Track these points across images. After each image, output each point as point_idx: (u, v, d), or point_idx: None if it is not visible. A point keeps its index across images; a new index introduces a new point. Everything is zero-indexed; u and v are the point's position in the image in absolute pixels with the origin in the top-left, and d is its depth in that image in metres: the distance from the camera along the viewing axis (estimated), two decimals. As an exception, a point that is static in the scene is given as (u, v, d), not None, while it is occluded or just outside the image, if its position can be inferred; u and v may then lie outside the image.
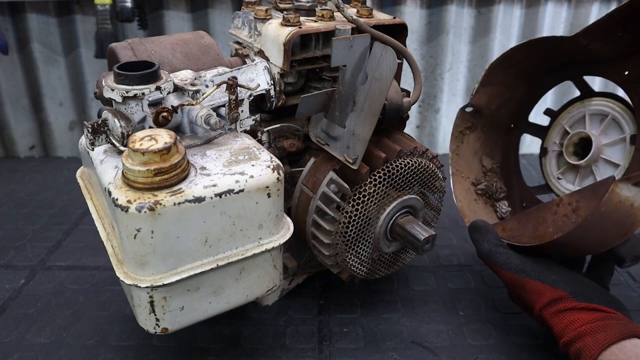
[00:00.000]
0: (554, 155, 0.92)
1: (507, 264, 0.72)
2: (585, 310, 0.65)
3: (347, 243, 0.71)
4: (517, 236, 0.78)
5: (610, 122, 0.84)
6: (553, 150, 0.92)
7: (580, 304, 0.65)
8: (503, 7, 1.37)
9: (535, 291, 0.69)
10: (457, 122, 0.93)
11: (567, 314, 0.65)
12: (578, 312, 0.65)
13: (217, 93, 0.66)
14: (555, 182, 0.92)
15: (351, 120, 0.66)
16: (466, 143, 0.95)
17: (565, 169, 0.90)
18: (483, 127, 0.95)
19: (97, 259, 0.98)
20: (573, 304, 0.65)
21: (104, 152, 0.60)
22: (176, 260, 0.55)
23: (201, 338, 0.79)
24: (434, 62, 1.44)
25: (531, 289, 0.69)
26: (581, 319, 0.64)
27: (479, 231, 0.77)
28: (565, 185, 0.90)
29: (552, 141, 0.92)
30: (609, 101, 0.85)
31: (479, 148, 0.96)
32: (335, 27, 0.70)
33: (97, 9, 1.23)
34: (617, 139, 0.83)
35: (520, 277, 0.70)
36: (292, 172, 0.76)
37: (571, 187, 0.88)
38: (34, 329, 0.80)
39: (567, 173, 0.90)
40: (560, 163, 0.92)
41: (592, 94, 0.88)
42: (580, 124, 0.89)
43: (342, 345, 0.78)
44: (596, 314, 0.64)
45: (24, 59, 1.40)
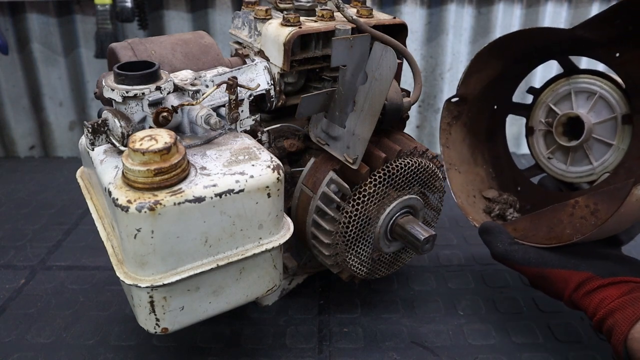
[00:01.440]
0: (541, 134, 0.92)
1: (525, 259, 0.72)
2: (612, 285, 0.65)
3: (347, 243, 0.71)
4: (531, 236, 0.77)
5: (598, 100, 0.84)
6: (539, 130, 0.92)
7: (606, 280, 0.65)
8: (503, 7, 1.37)
9: (560, 279, 0.69)
10: (444, 115, 0.92)
11: (596, 293, 0.65)
12: (605, 288, 0.65)
13: (217, 93, 0.66)
14: (545, 162, 0.92)
15: (351, 120, 0.66)
16: (454, 133, 0.94)
17: (555, 148, 0.90)
18: (468, 112, 0.94)
19: (97, 259, 0.98)
20: (599, 282, 0.65)
21: (104, 152, 0.60)
22: (176, 260, 0.55)
23: (201, 338, 0.79)
24: (434, 62, 1.44)
25: (556, 278, 0.69)
26: (610, 295, 0.64)
27: (490, 233, 0.77)
28: (557, 165, 0.90)
29: (537, 120, 0.92)
30: (595, 79, 0.84)
31: (466, 134, 0.95)
32: (335, 27, 0.70)
33: (97, 9, 1.23)
34: (608, 118, 0.83)
35: (541, 269, 0.70)
36: (292, 172, 0.76)
37: (563, 166, 0.89)
38: (34, 329, 0.80)
39: (557, 152, 0.91)
40: (548, 142, 0.92)
41: (577, 71, 0.87)
42: (565, 101, 0.88)
43: (342, 345, 0.78)
44: (624, 287, 0.64)
45: (24, 59, 1.40)
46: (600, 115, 0.84)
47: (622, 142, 0.82)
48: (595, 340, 0.78)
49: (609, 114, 0.83)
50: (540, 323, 0.82)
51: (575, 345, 0.78)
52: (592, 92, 0.84)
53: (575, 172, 0.88)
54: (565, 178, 0.90)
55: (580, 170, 0.87)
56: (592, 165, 0.86)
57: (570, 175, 0.89)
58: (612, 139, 0.83)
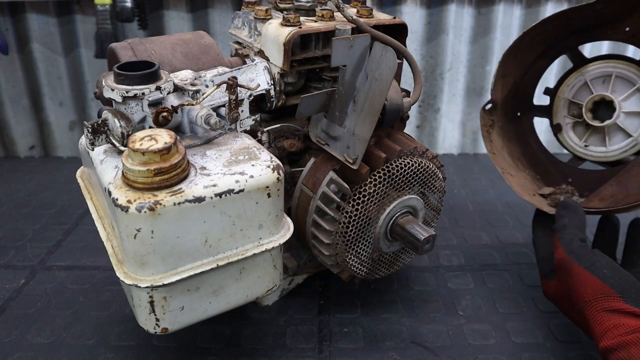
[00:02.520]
0: (569, 127, 0.94)
1: (568, 242, 0.70)
2: (633, 315, 0.59)
3: (347, 243, 0.71)
4: (622, 199, 0.76)
5: (615, 79, 0.88)
6: (567, 124, 0.94)
7: (630, 307, 0.60)
8: (503, 7, 1.37)
9: (582, 281, 0.65)
10: (482, 123, 0.94)
11: (612, 316, 0.60)
12: (625, 316, 0.59)
13: (217, 93, 0.66)
14: (583, 151, 0.93)
15: (351, 120, 0.66)
16: (494, 140, 0.95)
17: (588, 135, 0.92)
18: (498, 122, 0.95)
19: (97, 259, 0.98)
20: (621, 305, 0.60)
21: (104, 152, 0.60)
22: (176, 260, 0.55)
23: (201, 338, 0.79)
24: (434, 62, 1.44)
25: (578, 278, 0.66)
26: (627, 324, 0.58)
27: (567, 208, 0.77)
28: (597, 150, 0.92)
29: (561, 116, 0.94)
30: (605, 62, 0.89)
31: (503, 141, 0.96)
32: (335, 27, 0.70)
33: (97, 9, 1.23)
34: (631, 92, 0.87)
35: (570, 259, 0.67)
36: (292, 172, 0.76)
37: (603, 148, 0.91)
38: (34, 329, 0.80)
39: (591, 138, 0.92)
40: (579, 133, 0.94)
41: (586, 62, 0.90)
42: (583, 92, 0.91)
43: (342, 345, 0.78)
44: None
45: (24, 59, 1.40)
46: (623, 92, 0.88)
47: None
48: (595, 340, 0.78)
49: (629, 87, 0.87)
50: (540, 323, 0.82)
51: (575, 345, 0.78)
52: (607, 75, 0.88)
53: (617, 148, 0.90)
54: (609, 158, 0.91)
55: (622, 145, 0.90)
56: (632, 137, 0.88)
57: (614, 153, 0.91)
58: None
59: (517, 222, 1.11)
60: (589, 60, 0.90)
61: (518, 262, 0.98)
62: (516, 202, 1.19)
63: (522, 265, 0.96)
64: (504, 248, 1.02)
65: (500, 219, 1.12)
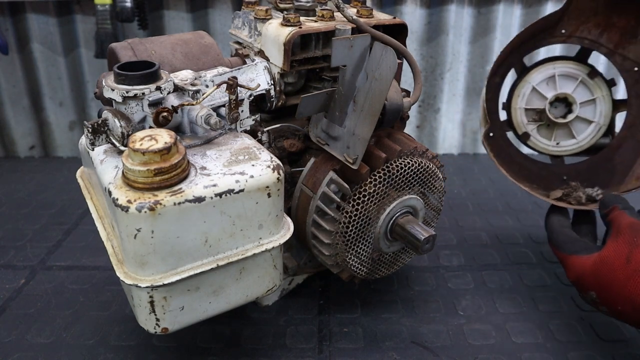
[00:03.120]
0: (535, 132, 0.98)
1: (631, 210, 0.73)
2: None
3: (347, 243, 0.71)
4: None
5: (559, 78, 0.95)
6: (532, 130, 0.97)
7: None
8: (503, 7, 1.37)
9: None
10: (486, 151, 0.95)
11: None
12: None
13: (217, 93, 0.66)
14: (557, 149, 0.98)
15: (351, 120, 0.66)
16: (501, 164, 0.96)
17: (555, 133, 0.97)
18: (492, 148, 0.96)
19: (97, 259, 0.98)
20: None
21: (104, 152, 0.60)
22: (176, 260, 0.55)
23: (201, 338, 0.79)
24: (434, 62, 1.44)
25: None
26: None
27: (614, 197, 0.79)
28: (568, 143, 0.97)
29: (523, 124, 0.97)
30: (546, 65, 0.95)
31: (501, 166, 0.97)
32: (335, 27, 0.70)
33: (97, 9, 1.23)
34: (577, 84, 0.95)
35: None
36: (292, 172, 0.76)
37: (574, 140, 0.96)
38: (34, 329, 0.80)
39: (559, 135, 0.97)
40: (544, 134, 0.98)
41: (528, 69, 0.96)
42: (533, 97, 0.96)
43: (342, 345, 0.78)
44: None
45: (24, 59, 1.40)
46: (570, 86, 0.95)
47: (600, 91, 0.94)
48: (596, 340, 0.78)
49: (575, 81, 0.94)
50: (540, 323, 0.82)
51: (575, 345, 0.78)
52: (550, 76, 0.95)
53: (586, 136, 0.96)
54: (582, 147, 0.97)
55: (589, 132, 0.96)
56: (594, 122, 0.95)
57: (585, 141, 0.96)
58: (592, 95, 0.94)
59: (517, 222, 1.11)
60: (531, 68, 0.95)
61: (518, 262, 0.98)
62: (516, 202, 1.19)
63: (522, 265, 0.97)
64: (504, 248, 1.02)
65: (500, 219, 1.12)
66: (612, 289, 0.67)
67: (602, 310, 0.70)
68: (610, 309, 0.69)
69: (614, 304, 0.67)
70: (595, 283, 0.70)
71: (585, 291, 0.72)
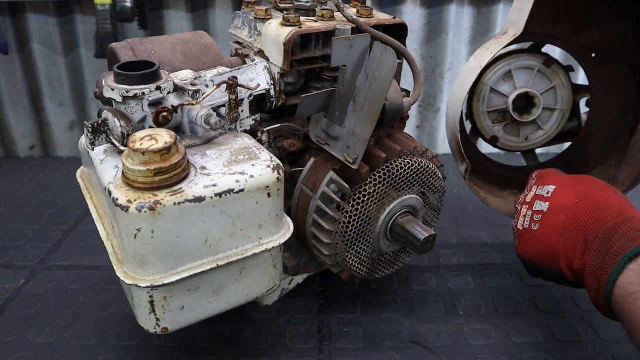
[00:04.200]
0: (502, 133, 0.98)
1: None
2: None
3: (347, 243, 0.71)
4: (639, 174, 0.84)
5: (514, 73, 0.94)
6: (499, 131, 0.98)
7: None
8: (503, 7, 1.37)
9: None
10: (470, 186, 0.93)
11: None
12: None
13: (217, 93, 0.66)
14: (527, 143, 0.99)
15: (351, 120, 0.66)
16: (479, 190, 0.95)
17: (525, 130, 0.97)
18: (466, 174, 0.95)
19: (97, 259, 0.98)
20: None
21: (104, 152, 0.60)
22: (176, 260, 0.55)
23: (201, 338, 0.79)
24: (434, 62, 1.44)
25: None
26: None
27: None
28: (538, 135, 0.98)
29: (489, 128, 0.98)
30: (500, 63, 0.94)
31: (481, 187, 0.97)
32: (335, 27, 0.70)
33: (97, 9, 1.23)
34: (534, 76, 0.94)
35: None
36: (292, 172, 0.76)
37: (542, 132, 0.97)
38: (34, 329, 0.80)
39: (528, 131, 0.98)
40: (511, 132, 0.98)
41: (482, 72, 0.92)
42: (493, 98, 0.96)
43: (342, 345, 0.78)
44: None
45: (24, 59, 1.40)
46: (527, 79, 0.95)
47: (558, 78, 0.95)
48: (596, 340, 0.78)
49: (530, 73, 0.94)
50: (540, 323, 0.82)
51: (575, 345, 0.78)
52: (505, 72, 0.94)
53: (552, 124, 0.97)
54: (551, 136, 0.98)
55: (554, 120, 0.97)
56: (559, 108, 0.96)
57: (552, 130, 0.97)
58: (551, 83, 0.95)
59: (517, 222, 1.11)
60: (485, 69, 0.93)
61: (518, 262, 0.97)
62: (516, 202, 1.19)
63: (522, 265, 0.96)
64: (504, 248, 1.02)
65: (500, 219, 1.12)
66: (580, 187, 0.69)
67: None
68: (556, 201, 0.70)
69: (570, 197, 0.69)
70: (565, 181, 0.73)
71: (542, 184, 0.74)
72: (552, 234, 0.67)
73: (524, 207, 0.73)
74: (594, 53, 0.93)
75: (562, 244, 0.65)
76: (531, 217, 0.70)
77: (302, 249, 0.83)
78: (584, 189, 0.68)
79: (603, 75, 0.94)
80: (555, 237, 0.66)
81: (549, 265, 0.68)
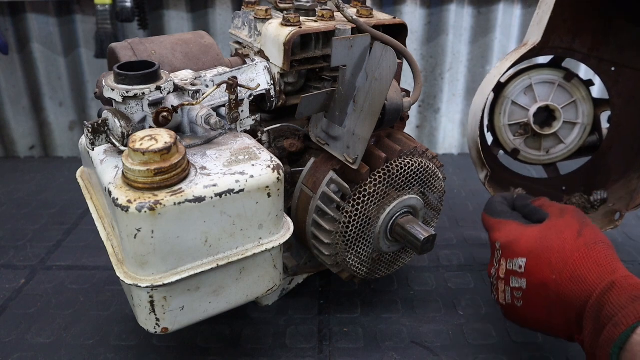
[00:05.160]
0: (524, 146, 0.99)
1: None
2: None
3: (347, 243, 0.71)
4: None
5: (535, 87, 0.95)
6: (520, 144, 0.98)
7: None
8: (503, 7, 1.37)
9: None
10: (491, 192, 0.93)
11: None
12: None
13: (217, 93, 0.66)
14: (549, 157, 1.00)
15: (351, 120, 0.66)
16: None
17: (544, 143, 0.98)
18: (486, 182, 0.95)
19: (97, 259, 0.98)
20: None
21: (104, 152, 0.60)
22: (176, 260, 0.55)
23: (201, 338, 0.79)
24: (434, 62, 1.44)
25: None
26: None
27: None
28: (559, 149, 0.99)
29: (510, 141, 0.98)
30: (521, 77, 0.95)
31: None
32: (335, 27, 0.70)
33: (97, 9, 1.23)
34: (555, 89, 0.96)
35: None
36: (292, 172, 0.76)
37: (563, 146, 0.98)
38: (34, 329, 0.80)
39: (548, 144, 0.99)
40: (533, 145, 0.99)
41: (503, 86, 0.96)
42: (515, 111, 0.97)
43: (342, 345, 0.78)
44: None
45: (24, 59, 1.40)
46: (548, 93, 0.96)
47: (579, 92, 0.96)
48: (595, 340, 0.78)
49: (550, 87, 0.95)
50: (540, 323, 0.82)
51: (575, 345, 0.77)
52: (526, 86, 0.96)
53: (574, 139, 0.97)
54: (572, 150, 0.98)
55: (575, 134, 0.97)
56: (580, 122, 0.96)
57: (573, 144, 0.98)
58: (571, 98, 0.96)
59: (517, 222, 1.11)
60: (506, 83, 0.96)
61: (518, 262, 0.98)
62: (516, 202, 1.19)
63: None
64: (504, 248, 1.02)
65: (500, 219, 1.12)
66: (552, 255, 0.63)
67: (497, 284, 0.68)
68: (533, 278, 0.64)
69: (545, 272, 0.62)
70: (532, 249, 0.65)
71: (510, 257, 0.67)
72: (539, 312, 0.64)
73: (500, 283, 0.68)
74: (613, 67, 0.93)
75: (553, 321, 0.63)
76: (511, 293, 0.66)
77: (302, 249, 0.83)
78: (557, 256, 0.62)
79: (623, 89, 0.94)
80: (543, 315, 0.63)
81: (543, 331, 0.66)
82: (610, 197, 0.94)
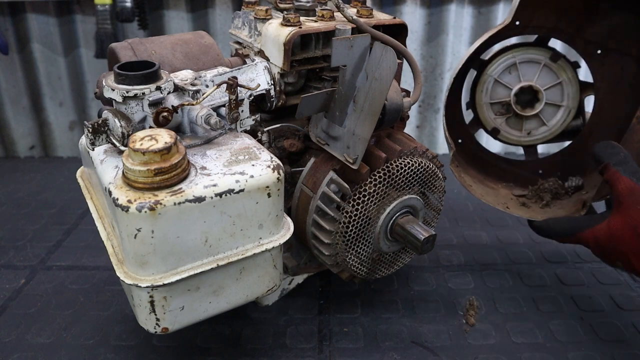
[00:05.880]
0: (504, 125, 0.96)
1: (634, 172, 0.69)
2: None
3: (347, 243, 0.71)
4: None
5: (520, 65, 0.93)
6: (500, 124, 0.96)
7: None
8: (503, 7, 1.37)
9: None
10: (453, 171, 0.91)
11: None
12: None
13: (217, 93, 0.66)
14: (529, 138, 0.97)
15: (351, 120, 0.66)
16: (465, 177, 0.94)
17: (527, 124, 0.95)
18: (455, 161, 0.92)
19: (97, 259, 0.98)
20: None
21: (104, 152, 0.60)
22: (176, 260, 0.55)
23: (201, 338, 0.79)
24: (434, 62, 1.44)
25: None
26: None
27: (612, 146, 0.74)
28: (540, 131, 0.96)
29: (491, 119, 0.96)
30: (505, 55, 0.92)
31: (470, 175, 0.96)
32: (335, 27, 0.70)
33: (97, 9, 1.23)
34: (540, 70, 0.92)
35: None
36: (292, 172, 0.76)
37: (545, 128, 0.95)
38: (34, 329, 0.80)
39: (530, 126, 0.96)
40: (514, 125, 0.96)
41: (486, 63, 0.93)
42: (497, 89, 0.94)
43: (342, 345, 0.78)
44: None
45: (24, 59, 1.40)
46: (533, 73, 0.92)
47: (565, 73, 0.92)
48: (596, 340, 0.78)
49: (536, 67, 0.92)
50: (540, 323, 0.82)
51: (575, 345, 0.78)
52: (511, 65, 0.92)
53: (557, 121, 0.95)
54: (555, 133, 0.95)
55: (559, 117, 0.94)
56: (564, 105, 0.93)
57: (556, 127, 0.95)
58: (557, 79, 0.92)
59: (517, 222, 1.11)
60: (489, 60, 0.93)
61: (518, 262, 0.98)
62: (516, 202, 1.19)
63: (522, 265, 0.97)
64: (504, 248, 1.02)
65: (500, 219, 1.12)
66: (629, 258, 0.66)
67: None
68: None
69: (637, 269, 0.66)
70: (615, 253, 0.68)
71: (613, 261, 0.70)
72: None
73: None
74: (599, 49, 0.91)
75: None
76: None
77: (302, 249, 0.83)
78: None
79: (608, 73, 0.92)
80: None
81: None
82: (586, 185, 0.92)
